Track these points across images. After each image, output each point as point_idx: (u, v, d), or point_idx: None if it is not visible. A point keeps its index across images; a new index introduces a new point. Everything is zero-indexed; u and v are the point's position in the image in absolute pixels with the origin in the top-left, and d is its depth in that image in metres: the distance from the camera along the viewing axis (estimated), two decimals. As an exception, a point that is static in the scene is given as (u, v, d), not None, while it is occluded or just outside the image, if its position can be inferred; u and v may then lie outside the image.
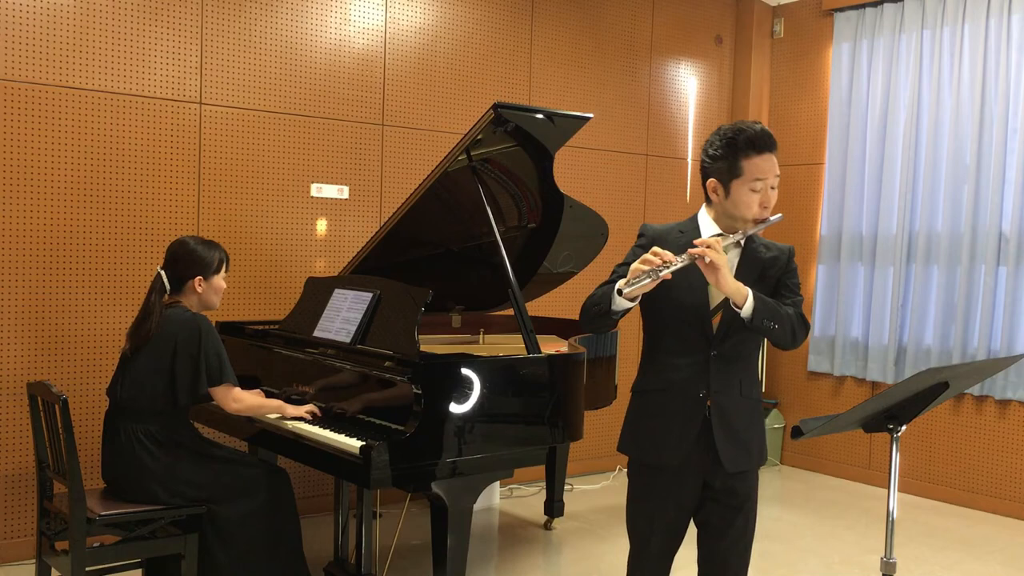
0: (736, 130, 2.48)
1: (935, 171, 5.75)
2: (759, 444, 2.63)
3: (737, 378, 2.55)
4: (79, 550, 3.15)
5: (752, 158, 2.46)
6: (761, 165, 2.46)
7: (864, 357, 6.09)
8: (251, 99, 4.68)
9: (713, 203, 2.56)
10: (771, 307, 2.45)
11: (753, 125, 2.49)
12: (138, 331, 3.35)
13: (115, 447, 3.32)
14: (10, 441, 4.13)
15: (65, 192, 4.20)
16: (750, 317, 2.42)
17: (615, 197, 6.08)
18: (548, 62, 5.74)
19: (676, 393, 2.55)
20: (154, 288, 3.40)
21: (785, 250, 2.63)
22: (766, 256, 2.58)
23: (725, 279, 2.37)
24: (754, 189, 2.46)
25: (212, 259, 3.46)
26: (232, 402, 3.35)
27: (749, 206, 2.48)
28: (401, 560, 4.30)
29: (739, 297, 2.41)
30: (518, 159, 3.88)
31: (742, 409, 2.56)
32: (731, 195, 2.49)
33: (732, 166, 2.47)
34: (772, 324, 2.44)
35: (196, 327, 3.31)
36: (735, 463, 2.55)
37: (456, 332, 4.47)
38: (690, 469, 2.56)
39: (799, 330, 2.53)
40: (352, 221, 5.03)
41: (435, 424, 3.08)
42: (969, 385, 2.82)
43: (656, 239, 2.55)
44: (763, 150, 2.46)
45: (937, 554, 4.79)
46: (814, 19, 6.49)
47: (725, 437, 2.52)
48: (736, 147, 2.46)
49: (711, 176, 2.52)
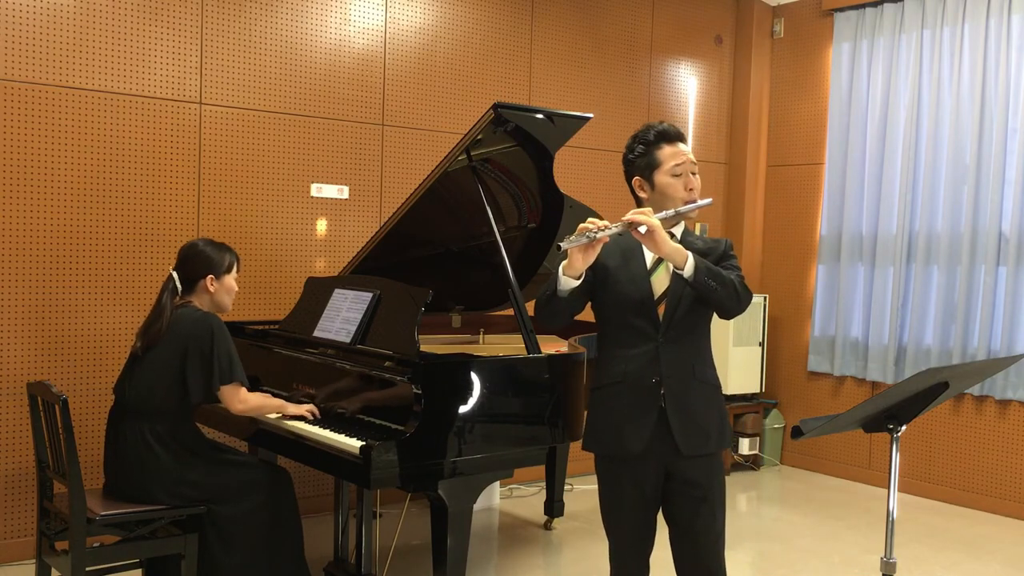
0: (645, 128, 2.69)
1: (935, 171, 5.75)
2: (718, 427, 2.66)
3: (689, 362, 2.61)
4: (79, 550, 3.15)
5: (664, 148, 2.65)
6: (675, 152, 2.64)
7: (864, 357, 6.09)
8: (251, 99, 4.68)
9: (643, 202, 2.68)
10: (713, 269, 2.52)
11: (660, 123, 2.69)
12: (149, 330, 3.36)
13: (119, 446, 3.33)
14: (10, 441, 4.13)
15: (65, 192, 4.20)
16: (692, 275, 2.47)
17: (615, 197, 6.05)
18: (548, 62, 5.74)
19: (630, 383, 2.60)
20: (166, 288, 3.42)
21: (721, 241, 2.72)
22: (703, 246, 2.66)
23: (663, 241, 2.44)
24: (675, 174, 2.63)
25: (223, 260, 3.48)
26: (238, 403, 3.35)
27: (676, 188, 2.62)
28: (401, 560, 4.30)
29: (679, 256, 2.47)
30: (518, 159, 3.88)
31: (697, 393, 2.61)
32: (657, 187, 2.65)
33: (650, 160, 2.65)
34: (714, 284, 2.49)
35: (208, 326, 3.32)
36: (691, 446, 2.59)
37: (456, 332, 4.47)
38: (651, 456, 2.61)
39: (743, 293, 2.57)
40: (352, 221, 5.03)
41: (435, 424, 3.08)
42: (969, 385, 2.82)
43: None
44: (673, 140, 2.66)
45: (937, 554, 4.79)
46: (814, 19, 6.49)
47: (680, 421, 2.58)
48: (649, 142, 2.66)
49: (634, 176, 2.70)
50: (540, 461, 3.49)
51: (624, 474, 2.65)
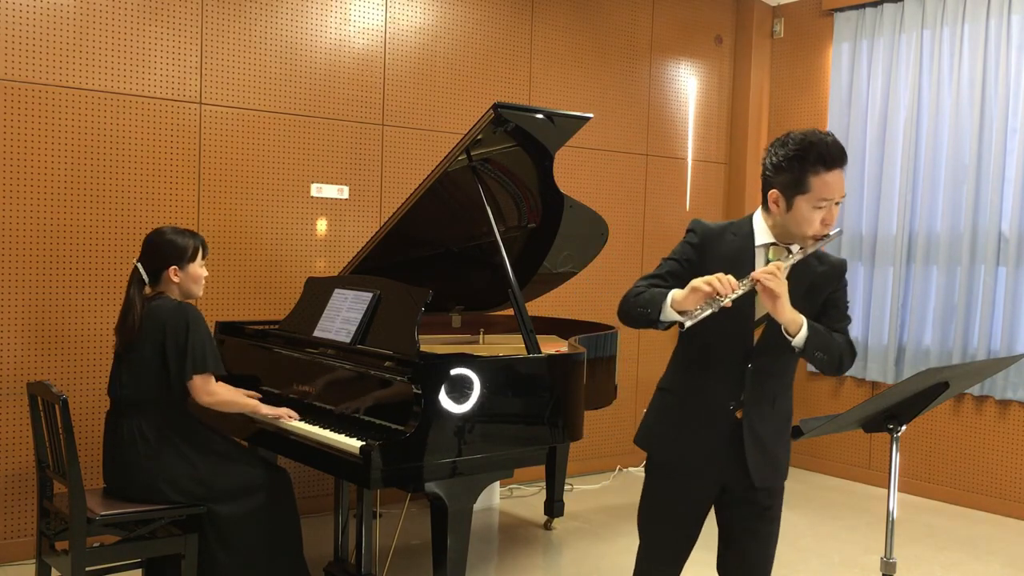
0: (807, 143, 2.31)
1: (935, 171, 5.75)
2: (786, 457, 2.57)
3: (772, 392, 2.48)
4: (79, 550, 3.15)
5: (821, 175, 2.31)
6: (831, 183, 2.31)
7: (864, 357, 6.09)
8: (251, 99, 4.68)
9: (771, 212, 2.42)
10: (823, 337, 2.37)
11: (825, 138, 2.33)
12: (123, 325, 3.35)
13: (117, 444, 3.33)
14: (10, 441, 4.13)
15: (65, 192, 4.20)
16: (802, 347, 2.35)
17: (615, 197, 6.07)
18: (548, 62, 5.74)
19: (706, 400, 2.48)
20: (132, 281, 3.39)
21: (838, 265, 2.52)
22: (818, 270, 2.48)
23: (783, 307, 2.29)
24: (819, 207, 2.33)
25: (186, 247, 3.41)
26: (205, 395, 3.31)
27: (811, 223, 2.34)
28: (401, 560, 4.29)
29: (794, 326, 2.33)
30: (518, 159, 3.88)
31: (771, 423, 2.49)
32: (793, 210, 2.35)
33: (798, 181, 2.32)
34: (822, 356, 2.38)
35: (184, 316, 3.30)
36: (764, 479, 2.49)
37: (456, 332, 4.47)
38: (710, 474, 2.50)
39: (847, 359, 2.46)
40: (352, 221, 5.03)
41: (435, 424, 3.08)
42: (969, 385, 2.81)
43: (708, 237, 2.47)
44: (833, 166, 2.31)
45: (937, 554, 4.79)
46: (814, 19, 6.49)
47: (756, 453, 2.46)
48: (805, 162, 2.31)
49: (773, 187, 2.38)
50: (540, 461, 3.49)
51: (676, 483, 2.53)
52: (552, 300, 4.79)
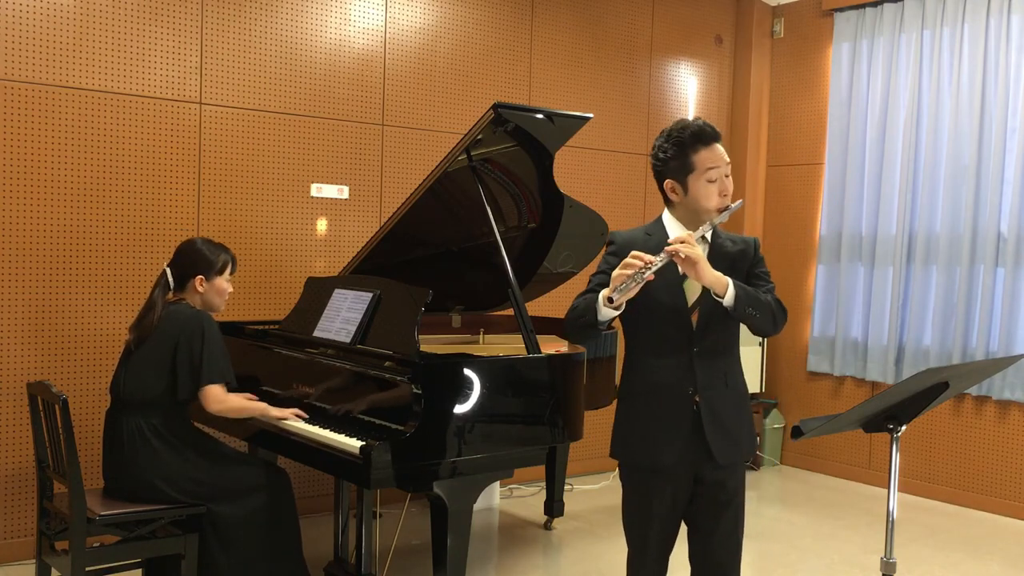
0: (680, 128, 2.56)
1: (934, 171, 5.76)
2: (747, 436, 2.67)
3: (722, 372, 2.60)
4: (79, 550, 3.15)
5: (701, 151, 2.53)
6: (711, 156, 2.53)
7: (864, 357, 6.09)
8: (251, 99, 4.68)
9: (674, 204, 2.62)
10: (751, 295, 2.50)
11: (695, 120, 2.57)
12: (140, 324, 3.38)
13: (116, 443, 3.33)
14: (10, 441, 4.13)
15: (65, 192, 4.20)
16: (732, 305, 2.46)
17: (615, 197, 6.08)
18: (548, 62, 5.74)
19: (664, 394, 2.58)
20: (158, 283, 3.44)
21: (751, 241, 2.69)
22: (733, 249, 2.63)
23: (704, 270, 2.42)
24: (710, 180, 2.53)
25: (216, 260, 3.47)
26: (215, 403, 3.33)
27: (709, 197, 2.54)
28: (401, 560, 4.30)
29: (720, 287, 2.45)
30: (518, 159, 3.88)
31: (729, 402, 2.60)
32: (690, 191, 2.56)
33: (684, 163, 2.54)
34: (754, 312, 2.49)
35: (200, 323, 3.32)
36: (725, 455, 2.58)
37: (456, 332, 4.47)
38: (683, 466, 2.59)
39: (779, 316, 2.57)
40: (352, 221, 5.03)
41: (435, 424, 3.08)
42: (969, 385, 2.82)
43: (626, 245, 2.58)
44: (709, 141, 2.54)
45: (937, 554, 4.79)
46: (814, 19, 6.49)
47: (715, 431, 2.56)
48: (684, 144, 2.54)
49: (667, 178, 2.59)
50: (540, 461, 3.49)
51: (655, 485, 2.61)
52: (552, 300, 4.79)
